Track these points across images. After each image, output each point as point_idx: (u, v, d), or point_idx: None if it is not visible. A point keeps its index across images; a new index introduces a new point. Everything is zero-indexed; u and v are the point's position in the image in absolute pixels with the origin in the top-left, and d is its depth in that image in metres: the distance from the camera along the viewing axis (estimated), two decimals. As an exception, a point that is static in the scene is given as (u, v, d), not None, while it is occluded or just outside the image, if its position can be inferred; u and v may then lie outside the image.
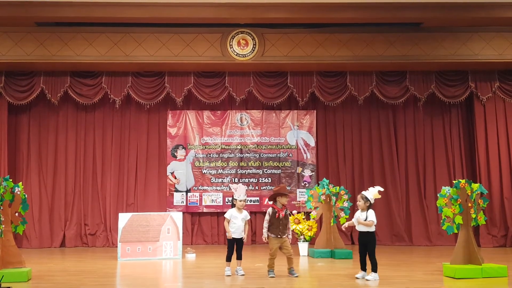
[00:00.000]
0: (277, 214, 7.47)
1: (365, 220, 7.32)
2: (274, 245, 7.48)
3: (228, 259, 7.77)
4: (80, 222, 12.37)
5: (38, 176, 12.44)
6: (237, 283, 7.09)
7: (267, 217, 7.54)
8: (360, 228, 7.42)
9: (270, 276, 7.40)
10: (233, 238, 7.74)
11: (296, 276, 7.38)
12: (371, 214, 7.35)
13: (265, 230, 7.53)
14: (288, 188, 12.23)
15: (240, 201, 7.79)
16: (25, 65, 11.67)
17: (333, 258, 9.84)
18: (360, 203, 7.43)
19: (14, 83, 12.02)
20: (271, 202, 7.71)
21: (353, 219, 7.56)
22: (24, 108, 12.46)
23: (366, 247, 7.37)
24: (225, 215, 7.91)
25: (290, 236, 7.70)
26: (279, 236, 7.49)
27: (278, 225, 7.49)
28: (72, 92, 12.14)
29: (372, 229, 7.36)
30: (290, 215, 7.92)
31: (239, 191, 7.83)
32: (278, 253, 7.53)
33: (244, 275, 7.61)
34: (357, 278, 7.31)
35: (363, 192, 7.52)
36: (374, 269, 7.26)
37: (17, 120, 12.58)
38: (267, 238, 7.54)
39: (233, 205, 8.00)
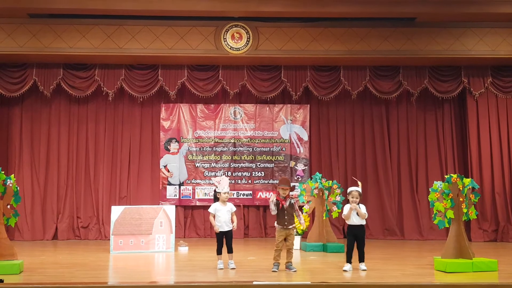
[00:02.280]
0: (280, 205, 7.45)
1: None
2: (280, 237, 7.46)
3: (219, 252, 7.75)
4: (72, 215, 12.35)
5: (31, 169, 12.39)
6: (229, 277, 7.10)
7: (271, 205, 7.48)
8: (354, 221, 7.53)
9: (273, 270, 7.34)
10: (221, 232, 7.73)
11: (294, 271, 7.35)
12: (364, 208, 7.60)
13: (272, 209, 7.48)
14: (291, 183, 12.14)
15: (224, 193, 7.75)
16: (17, 57, 11.62)
17: (325, 251, 9.87)
18: (358, 199, 7.58)
19: (6, 75, 11.96)
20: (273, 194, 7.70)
21: (347, 212, 7.60)
22: (17, 100, 12.39)
23: (357, 240, 7.54)
24: (209, 210, 7.83)
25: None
26: (284, 227, 7.46)
27: (283, 215, 7.45)
28: (64, 85, 12.09)
29: (364, 222, 7.60)
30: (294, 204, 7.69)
31: (223, 183, 7.78)
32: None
33: (235, 268, 7.60)
34: (345, 271, 7.35)
35: (358, 188, 7.67)
36: (364, 259, 7.50)
37: (10, 112, 12.52)
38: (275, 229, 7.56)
39: (215, 199, 7.94)
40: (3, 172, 7.58)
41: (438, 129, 12.87)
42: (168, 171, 12.64)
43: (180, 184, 12.64)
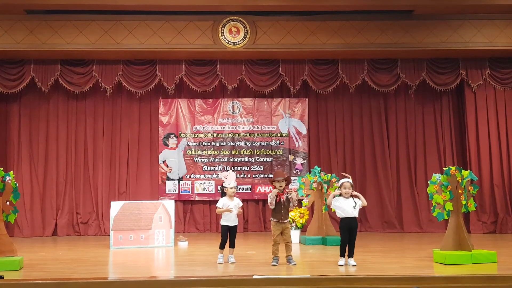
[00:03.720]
0: (277, 198, 7.45)
1: (355, 206, 7.36)
2: (276, 231, 7.47)
3: (222, 246, 7.77)
4: (72, 211, 12.36)
5: (29, 165, 12.39)
6: (229, 271, 7.12)
7: (270, 199, 7.46)
8: (349, 213, 7.35)
9: (272, 264, 7.35)
10: (227, 226, 7.75)
11: (294, 265, 7.37)
12: (358, 199, 7.46)
13: (270, 201, 7.45)
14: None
15: (231, 188, 7.77)
16: (15, 53, 11.58)
17: (325, 245, 9.90)
18: (351, 190, 7.48)
19: (4, 71, 11.93)
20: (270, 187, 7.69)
21: (342, 206, 7.40)
22: (15, 97, 12.37)
23: (352, 233, 7.38)
24: (217, 205, 7.85)
25: (295, 198, 7.59)
26: (280, 221, 7.47)
27: (280, 209, 7.46)
28: (62, 81, 12.06)
29: (357, 214, 7.44)
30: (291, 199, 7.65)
31: (229, 178, 7.80)
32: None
33: (235, 263, 7.62)
34: (341, 265, 7.31)
35: (349, 180, 7.55)
36: (353, 254, 7.38)
37: (8, 109, 12.51)
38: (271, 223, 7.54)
39: (223, 194, 7.95)
40: (1, 168, 7.60)
41: (437, 122, 12.88)
42: (167, 166, 12.65)
43: (179, 179, 12.64)
